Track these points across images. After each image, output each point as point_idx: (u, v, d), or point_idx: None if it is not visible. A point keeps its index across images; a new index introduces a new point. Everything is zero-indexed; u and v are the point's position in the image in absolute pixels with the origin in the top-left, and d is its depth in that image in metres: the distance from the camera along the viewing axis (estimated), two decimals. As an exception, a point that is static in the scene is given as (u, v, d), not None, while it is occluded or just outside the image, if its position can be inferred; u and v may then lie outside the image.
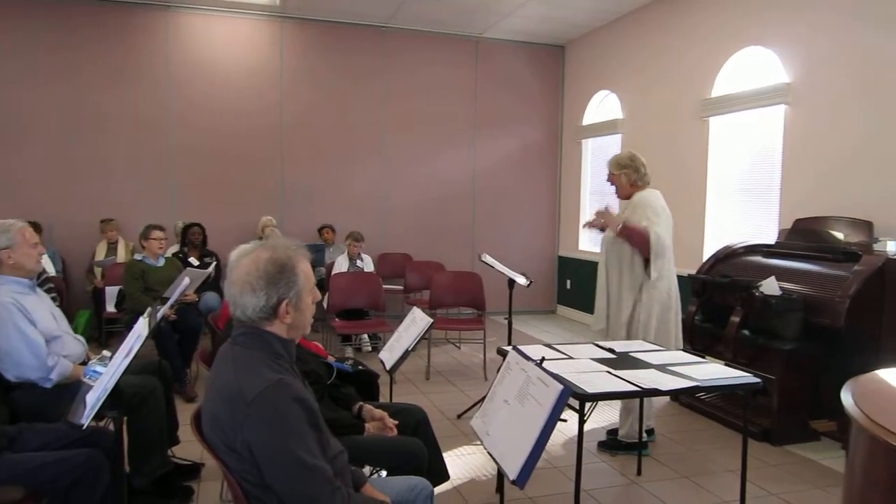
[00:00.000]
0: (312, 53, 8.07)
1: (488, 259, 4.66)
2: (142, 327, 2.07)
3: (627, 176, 3.89)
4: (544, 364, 2.20)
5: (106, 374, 2.03)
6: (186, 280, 3.72)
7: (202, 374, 5.40)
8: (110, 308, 5.86)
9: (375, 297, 5.70)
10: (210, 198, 7.73)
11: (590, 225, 3.98)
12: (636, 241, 3.73)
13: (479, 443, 4.01)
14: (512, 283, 4.58)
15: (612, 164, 3.94)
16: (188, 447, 3.68)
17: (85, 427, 1.98)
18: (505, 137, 8.88)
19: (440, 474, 2.84)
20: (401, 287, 7.23)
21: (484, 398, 4.50)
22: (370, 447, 2.50)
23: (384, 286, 6.15)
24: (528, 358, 2.27)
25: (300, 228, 7.75)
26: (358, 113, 8.26)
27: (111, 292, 5.86)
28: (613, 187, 4.01)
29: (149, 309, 2.32)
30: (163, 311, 3.02)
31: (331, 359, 3.15)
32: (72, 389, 2.93)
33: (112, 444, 2.53)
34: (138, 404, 2.96)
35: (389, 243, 8.32)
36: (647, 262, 3.76)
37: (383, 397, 3.23)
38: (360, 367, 3.45)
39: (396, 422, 2.63)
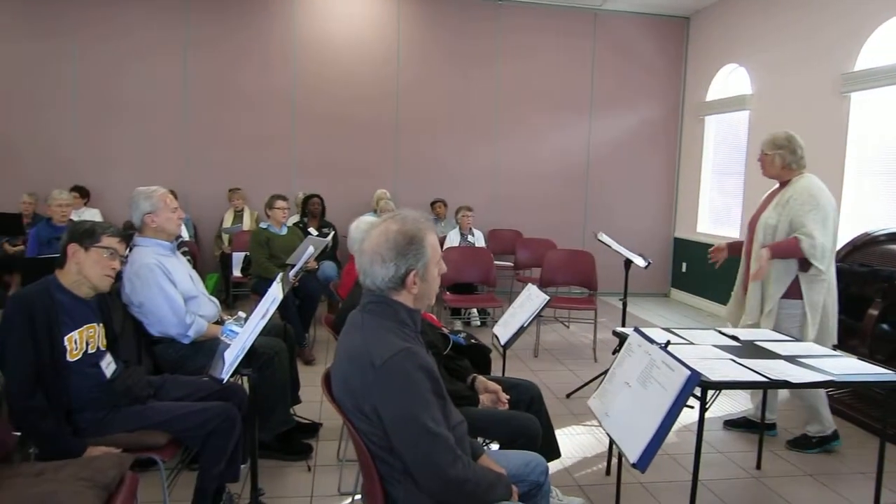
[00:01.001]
0: (428, 29, 8.12)
1: (605, 238, 4.55)
2: (276, 291, 2.18)
3: (782, 157, 3.60)
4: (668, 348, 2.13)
5: (243, 333, 2.16)
6: (311, 248, 3.87)
7: (320, 338, 5.65)
8: (236, 273, 6.23)
9: (486, 273, 5.73)
10: (328, 170, 8.01)
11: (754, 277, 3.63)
12: (787, 254, 3.46)
13: (589, 423, 3.98)
14: (628, 263, 4.46)
15: (766, 144, 3.66)
16: (308, 407, 3.89)
17: (225, 381, 2.12)
18: (622, 113, 8.60)
19: (552, 451, 2.84)
20: (510, 263, 7.22)
21: (594, 379, 4.51)
22: (483, 419, 2.53)
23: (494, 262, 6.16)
24: (651, 341, 2.21)
25: (412, 202, 7.88)
26: (472, 88, 8.25)
27: (237, 258, 6.21)
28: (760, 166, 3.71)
29: (281, 273, 2.44)
30: (290, 276, 3.16)
31: (445, 330, 3.20)
32: (206, 346, 3.16)
33: (244, 400, 2.71)
34: (265, 363, 3.13)
35: (500, 219, 8.31)
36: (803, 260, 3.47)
37: (495, 372, 3.24)
38: (473, 341, 3.49)
39: (509, 396, 2.64)
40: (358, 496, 2.86)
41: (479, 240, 6.84)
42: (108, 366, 2.47)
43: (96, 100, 7.65)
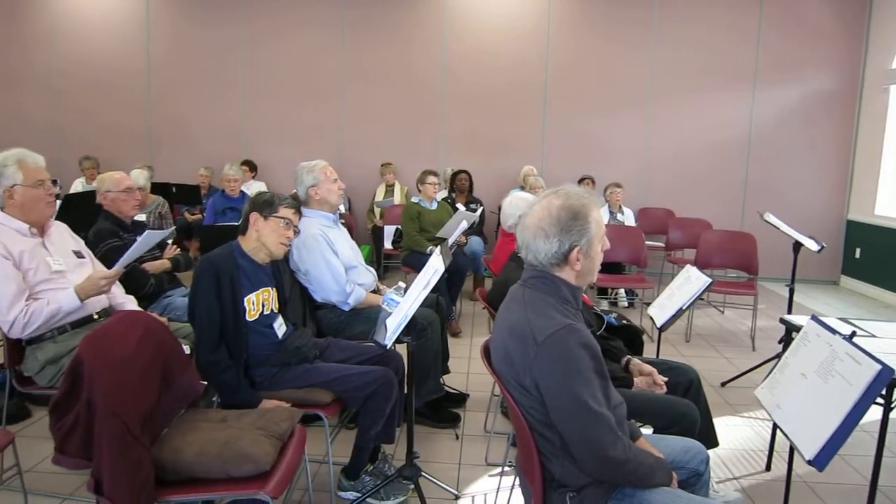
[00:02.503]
0: (580, 3, 7.88)
1: (772, 219, 4.23)
2: (437, 262, 2.24)
3: None
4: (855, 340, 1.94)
5: (404, 303, 2.25)
6: (465, 222, 3.93)
7: (465, 311, 5.75)
8: (387, 245, 6.48)
9: (637, 252, 5.54)
10: (476, 146, 8.07)
11: None
12: None
13: (746, 415, 3.76)
14: (797, 246, 4.12)
15: None
16: (456, 378, 3.99)
17: (388, 347, 2.22)
18: (789, 85, 7.89)
19: (709, 440, 2.71)
20: (661, 244, 6.93)
21: (753, 369, 4.24)
22: (638, 403, 2.46)
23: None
24: (832, 331, 2.03)
25: (560, 179, 7.75)
26: (624, 62, 7.92)
27: (389, 231, 6.46)
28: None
29: (439, 247, 2.50)
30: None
31: (597, 310, 3.14)
32: (364, 314, 3.32)
33: (400, 366, 2.82)
34: (420, 332, 3.23)
35: (651, 197, 7.98)
36: None
37: (647, 355, 3.13)
38: (625, 322, 3.39)
39: (666, 379, 2.54)
40: (507, 468, 2.91)
41: (628, 218, 6.62)
42: (280, 327, 2.67)
43: (262, 81, 8.20)
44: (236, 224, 5.37)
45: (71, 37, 8.34)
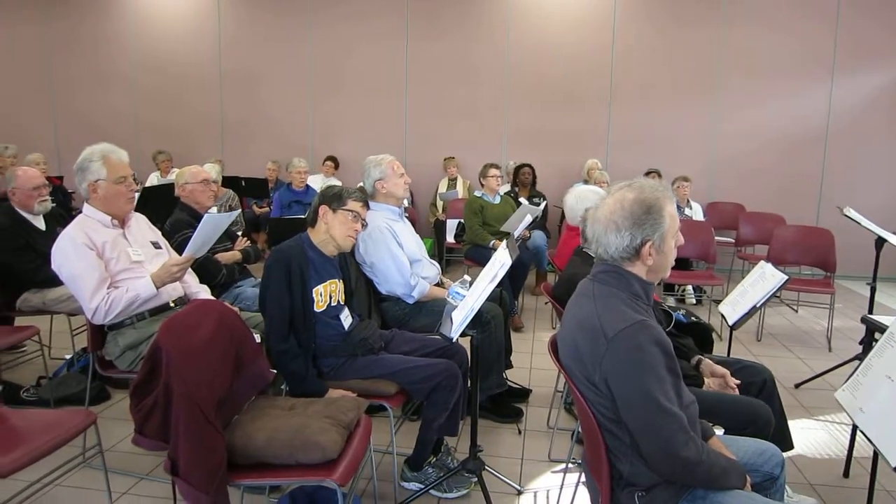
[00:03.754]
0: (648, -10, 7.70)
1: (853, 214, 4.03)
2: (504, 256, 2.22)
3: None
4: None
5: (470, 296, 2.25)
6: (529, 216, 3.90)
7: (527, 306, 5.71)
8: (450, 239, 6.49)
9: (706, 248, 5.37)
10: (539, 140, 7.99)
11: None
12: None
13: (822, 418, 3.60)
14: (880, 243, 3.92)
15: None
16: (518, 373, 3.96)
17: (454, 340, 2.22)
18: (873, 73, 7.49)
19: (784, 443, 2.60)
20: (731, 239, 6.71)
21: (830, 370, 4.06)
22: (708, 402, 2.38)
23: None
24: (922, 332, 1.92)
25: (624, 172, 7.55)
26: (692, 52, 7.68)
27: (451, 224, 6.47)
28: None
29: (506, 240, 2.48)
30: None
31: (666, 306, 3.06)
32: (428, 306, 3.33)
33: (465, 359, 2.82)
34: (483, 326, 3.23)
35: (719, 192, 7.74)
36: None
37: (717, 353, 3.04)
38: (694, 319, 3.30)
39: (739, 382, 2.46)
40: (571, 465, 2.88)
41: (697, 213, 6.44)
42: (347, 318, 2.71)
43: (328, 77, 8.33)
44: (302, 217, 5.50)
45: (149, 37, 8.67)
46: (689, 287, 6.11)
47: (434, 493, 2.71)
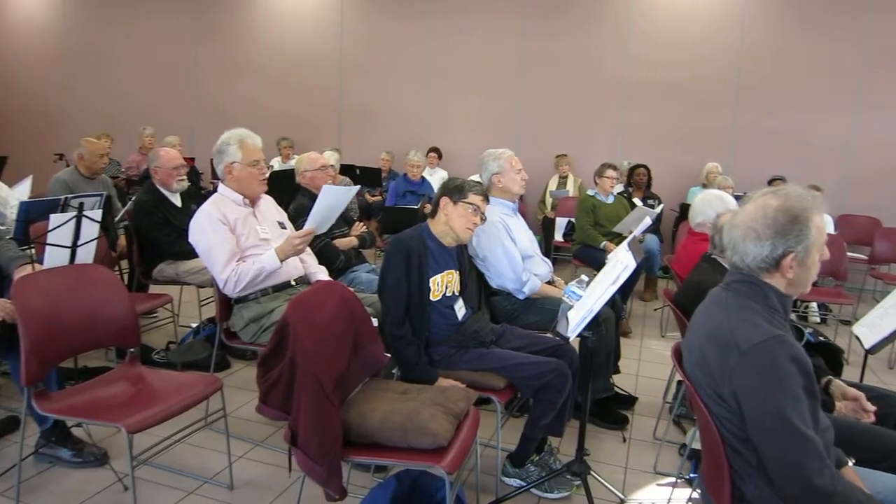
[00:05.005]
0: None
1: None
2: (628, 258, 2.17)
3: None
4: None
5: (590, 296, 2.21)
6: (648, 219, 3.79)
7: (635, 311, 5.56)
8: (558, 237, 6.41)
9: (836, 264, 4.99)
10: (655, 141, 7.72)
11: None
12: None
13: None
14: None
15: None
16: (625, 379, 3.87)
17: (570, 340, 2.19)
18: None
19: (924, 483, 2.40)
20: (864, 256, 6.23)
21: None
22: (840, 429, 2.21)
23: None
24: None
25: (747, 178, 7.17)
26: (830, 52, 7.11)
27: (560, 223, 6.39)
28: None
29: (627, 242, 2.42)
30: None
31: (795, 321, 2.89)
32: (537, 304, 3.31)
33: (574, 360, 2.77)
34: (595, 328, 3.16)
35: (853, 204, 7.17)
36: None
37: (846, 377, 2.83)
38: (822, 339, 3.11)
39: (874, 407, 2.28)
40: (679, 480, 2.78)
41: (828, 225, 6.01)
42: (460, 309, 2.73)
43: (444, 70, 8.41)
44: (415, 207, 5.60)
45: (277, 30, 9.09)
46: (814, 304, 5.73)
47: (535, 492, 2.70)
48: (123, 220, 4.45)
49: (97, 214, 3.05)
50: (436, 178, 7.19)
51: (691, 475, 2.83)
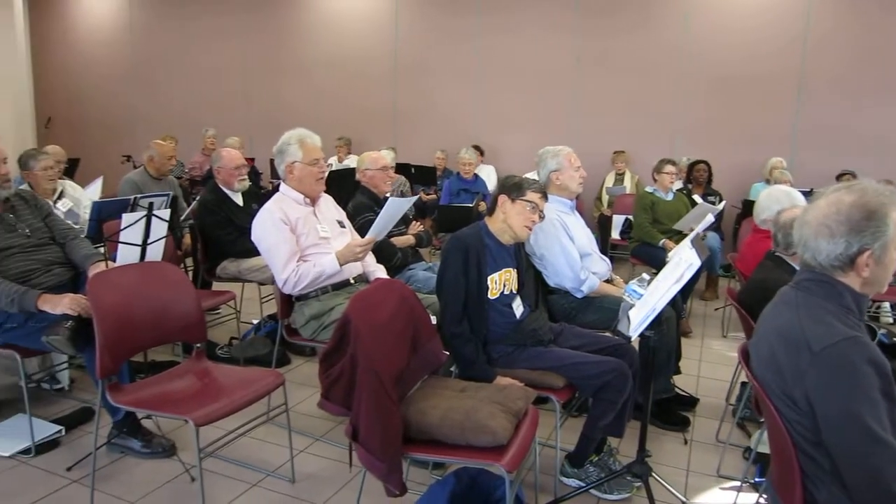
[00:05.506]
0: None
1: None
2: (692, 257, 2.12)
3: None
4: None
5: (652, 295, 2.17)
6: (711, 216, 3.70)
7: (695, 311, 5.43)
8: (615, 235, 6.31)
9: (911, 262, 4.78)
10: (715, 136, 7.52)
11: None
12: None
13: None
14: None
15: None
16: (685, 380, 3.78)
17: (633, 339, 2.16)
18: None
19: None
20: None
21: None
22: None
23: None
24: None
25: (811, 173, 6.92)
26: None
27: (617, 220, 6.29)
28: None
29: (690, 240, 2.37)
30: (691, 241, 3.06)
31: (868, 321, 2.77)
32: (596, 302, 3.27)
33: (634, 359, 2.73)
34: (656, 327, 3.10)
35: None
36: None
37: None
38: (896, 340, 2.97)
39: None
40: (745, 484, 2.71)
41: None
42: (518, 308, 2.72)
43: (497, 68, 8.38)
44: (469, 205, 5.61)
45: (329, 30, 9.23)
46: (886, 304, 5.48)
47: (594, 493, 2.66)
48: (188, 220, 4.60)
49: (166, 214, 3.16)
50: (484, 176, 7.18)
51: (757, 479, 2.75)
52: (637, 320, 2.15)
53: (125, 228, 2.98)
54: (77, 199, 4.38)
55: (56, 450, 2.93)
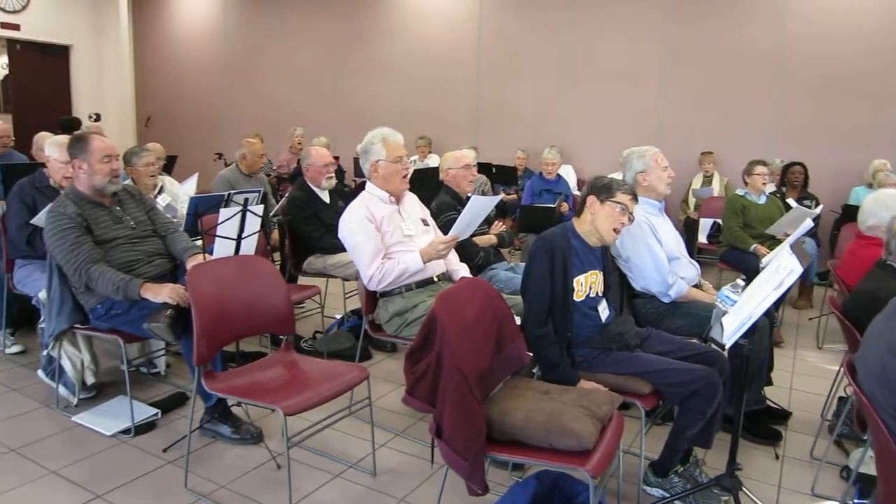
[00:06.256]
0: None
1: None
2: (792, 263, 2.02)
3: None
4: None
5: (747, 302, 2.08)
6: (809, 221, 3.53)
7: (787, 320, 5.19)
8: (702, 239, 6.10)
9: None
10: (813, 136, 7.13)
11: None
12: None
13: None
14: None
15: None
16: (777, 392, 3.61)
17: (728, 347, 2.08)
18: None
19: None
20: None
21: None
22: None
23: None
24: None
25: (921, 177, 6.51)
26: None
27: (704, 224, 6.07)
28: None
29: (789, 245, 2.26)
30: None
31: None
32: (683, 308, 3.17)
33: (725, 368, 2.63)
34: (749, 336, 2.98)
35: None
36: None
37: None
38: None
39: None
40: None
41: None
42: (604, 311, 2.67)
43: (580, 67, 8.24)
44: (551, 206, 5.55)
45: (413, 29, 9.30)
46: None
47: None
48: (277, 215, 4.76)
49: (259, 209, 3.27)
50: (563, 174, 7.07)
51: (856, 501, 2.60)
52: (732, 328, 2.07)
53: (222, 223, 3.11)
54: (175, 194, 4.61)
55: (153, 431, 3.09)
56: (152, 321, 2.76)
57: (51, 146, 3.64)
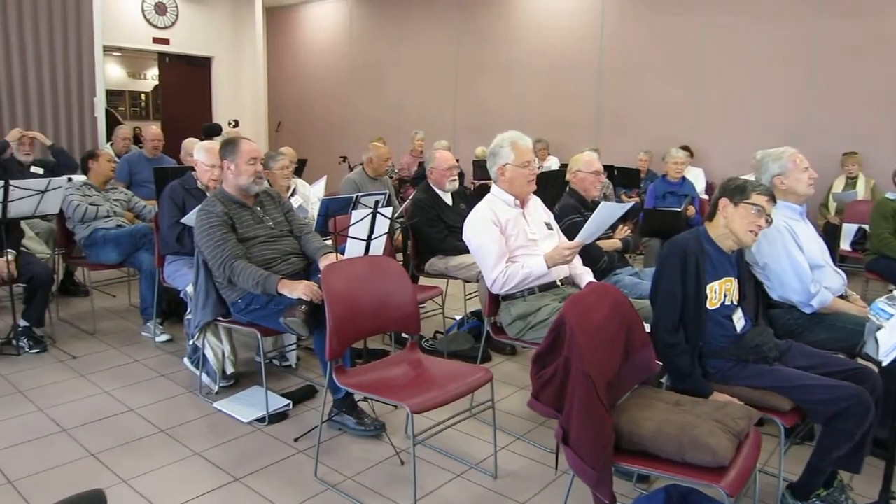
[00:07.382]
0: None
1: None
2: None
3: None
4: None
5: (907, 315, 1.91)
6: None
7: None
8: (844, 246, 5.66)
9: None
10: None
11: None
12: None
13: None
14: None
15: None
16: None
17: (885, 364, 1.92)
18: None
19: None
20: None
21: None
22: None
23: None
24: None
25: None
26: None
27: (848, 229, 5.63)
28: None
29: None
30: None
31: None
32: (827, 320, 2.95)
33: (876, 387, 2.42)
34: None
35: None
36: None
37: None
38: None
39: None
40: None
41: None
42: (739, 320, 2.54)
43: (706, 65, 7.87)
44: (677, 209, 5.35)
45: (534, 31, 9.24)
46: None
47: (821, 530, 2.41)
48: (400, 217, 4.89)
49: (388, 211, 3.38)
50: (692, 177, 6.77)
51: None
52: (889, 343, 1.91)
53: (354, 224, 3.23)
54: (306, 196, 4.85)
55: (285, 421, 3.26)
56: (288, 316, 2.91)
57: (199, 151, 3.94)
